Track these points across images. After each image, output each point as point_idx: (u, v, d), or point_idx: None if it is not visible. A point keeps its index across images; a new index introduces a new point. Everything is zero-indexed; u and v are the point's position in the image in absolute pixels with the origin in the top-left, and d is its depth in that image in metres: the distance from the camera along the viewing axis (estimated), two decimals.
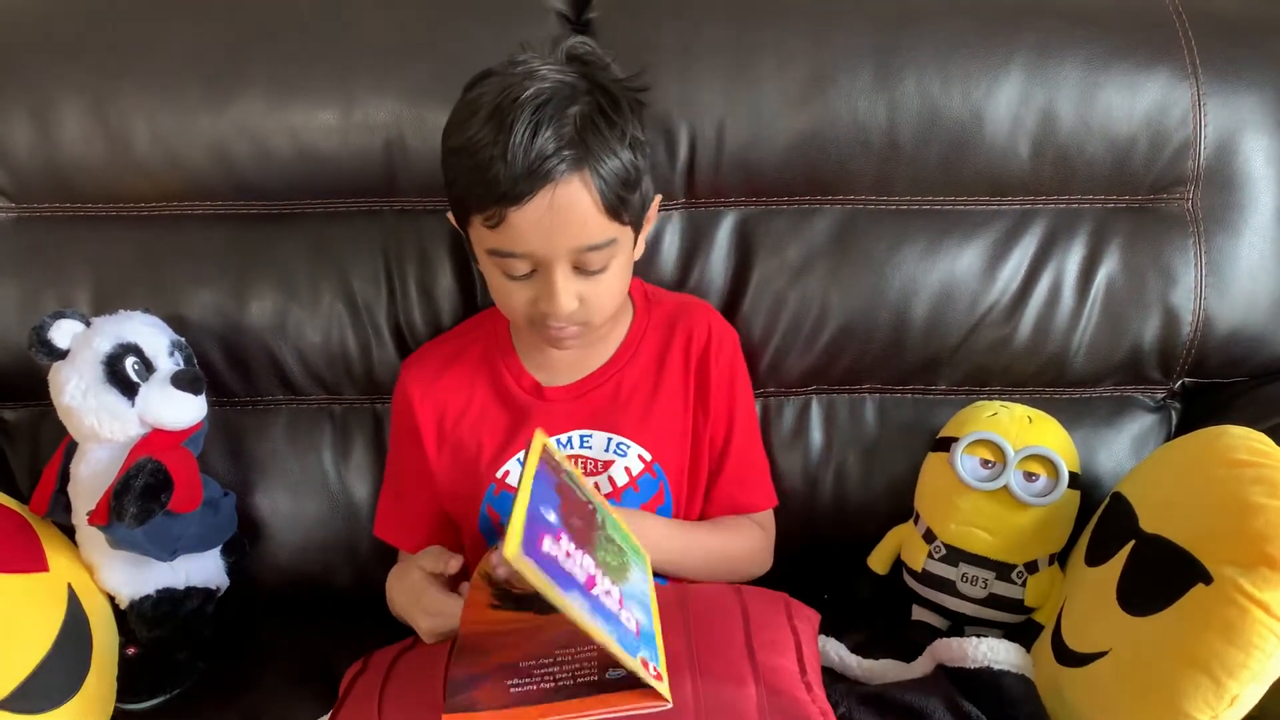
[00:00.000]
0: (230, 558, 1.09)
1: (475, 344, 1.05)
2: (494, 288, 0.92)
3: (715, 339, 1.04)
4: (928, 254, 1.12)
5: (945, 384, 1.15)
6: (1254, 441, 0.86)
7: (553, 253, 0.86)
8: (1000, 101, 1.09)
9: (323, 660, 1.02)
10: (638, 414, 1.00)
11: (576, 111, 0.84)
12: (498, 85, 0.85)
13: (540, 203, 0.83)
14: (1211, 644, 0.78)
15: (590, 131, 0.84)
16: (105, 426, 0.99)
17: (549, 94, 0.83)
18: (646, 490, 1.00)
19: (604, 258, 0.89)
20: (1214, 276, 1.11)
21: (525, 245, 0.85)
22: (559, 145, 0.82)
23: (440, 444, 1.02)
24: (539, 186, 0.82)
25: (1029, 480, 1.03)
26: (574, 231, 0.85)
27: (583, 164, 0.84)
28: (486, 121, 0.83)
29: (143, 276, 1.12)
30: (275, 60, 1.10)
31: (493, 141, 0.82)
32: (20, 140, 1.10)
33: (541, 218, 0.83)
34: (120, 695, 1.00)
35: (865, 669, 1.01)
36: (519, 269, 0.88)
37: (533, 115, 0.82)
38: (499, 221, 0.84)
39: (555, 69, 0.86)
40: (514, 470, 0.99)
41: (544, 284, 0.88)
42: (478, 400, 1.02)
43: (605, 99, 0.87)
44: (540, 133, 0.82)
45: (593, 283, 0.89)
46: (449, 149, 0.87)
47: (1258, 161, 1.10)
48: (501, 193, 0.82)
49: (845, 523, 1.15)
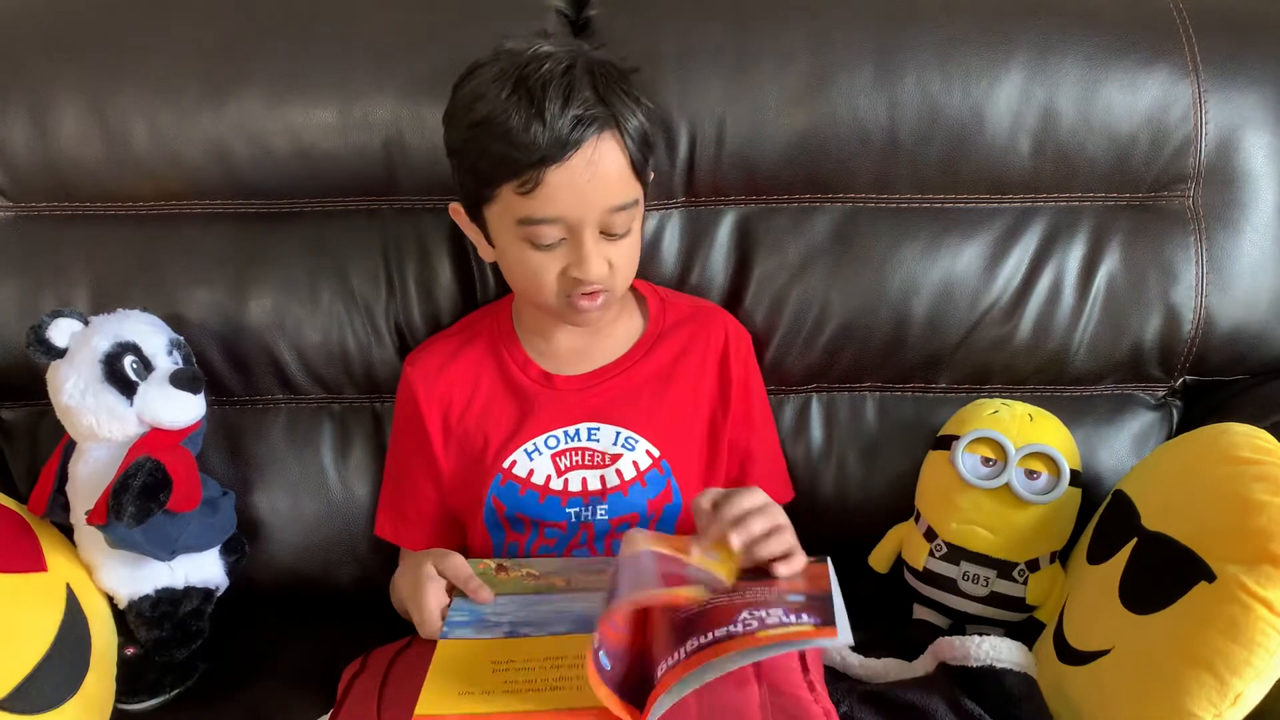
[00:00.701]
0: (229, 557, 1.08)
1: (478, 337, 1.05)
2: (517, 264, 0.93)
3: (734, 340, 1.06)
4: (928, 252, 1.12)
5: (946, 382, 1.15)
6: (1256, 439, 0.86)
7: (586, 214, 0.88)
8: (1001, 99, 1.09)
9: (322, 660, 1.02)
10: (648, 409, 1.01)
11: (597, 73, 0.88)
12: (504, 64, 0.87)
13: (581, 159, 0.86)
14: (1214, 642, 0.78)
15: (612, 92, 0.88)
16: (104, 426, 0.99)
17: (568, 60, 0.87)
18: (654, 486, 1.00)
19: (628, 219, 0.91)
20: (1215, 274, 1.10)
21: (559, 208, 0.87)
22: (591, 104, 0.86)
23: (447, 438, 1.02)
24: (581, 143, 0.85)
25: (1030, 478, 1.03)
26: (608, 189, 0.88)
27: (613, 122, 0.88)
28: (512, 92, 0.85)
29: (141, 275, 1.11)
30: (274, 59, 1.10)
31: (526, 106, 0.84)
32: (19, 139, 1.10)
33: (579, 175, 0.86)
34: (119, 695, 1.00)
35: (867, 668, 1.01)
36: (549, 236, 0.89)
37: (563, 77, 0.85)
38: (535, 185, 0.86)
39: (550, 43, 0.89)
40: (520, 460, 0.99)
41: (574, 250, 0.90)
42: (483, 392, 1.02)
43: (608, 65, 0.91)
44: (574, 93, 0.85)
45: (617, 247, 0.92)
46: (470, 124, 0.88)
47: (1259, 159, 1.10)
48: (542, 155, 0.85)
49: (846, 521, 1.15)
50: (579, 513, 0.99)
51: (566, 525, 0.99)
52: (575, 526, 0.99)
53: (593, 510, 0.99)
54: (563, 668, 0.78)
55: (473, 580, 0.88)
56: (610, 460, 0.99)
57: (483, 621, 0.83)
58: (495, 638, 0.81)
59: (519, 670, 0.78)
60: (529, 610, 0.85)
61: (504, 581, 0.89)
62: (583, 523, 0.99)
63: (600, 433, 1.00)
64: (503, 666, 0.78)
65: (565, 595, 0.87)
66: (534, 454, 1.00)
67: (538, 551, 1.00)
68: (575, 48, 0.90)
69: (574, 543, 0.99)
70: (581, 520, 0.99)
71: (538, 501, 0.99)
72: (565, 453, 1.00)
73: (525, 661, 0.79)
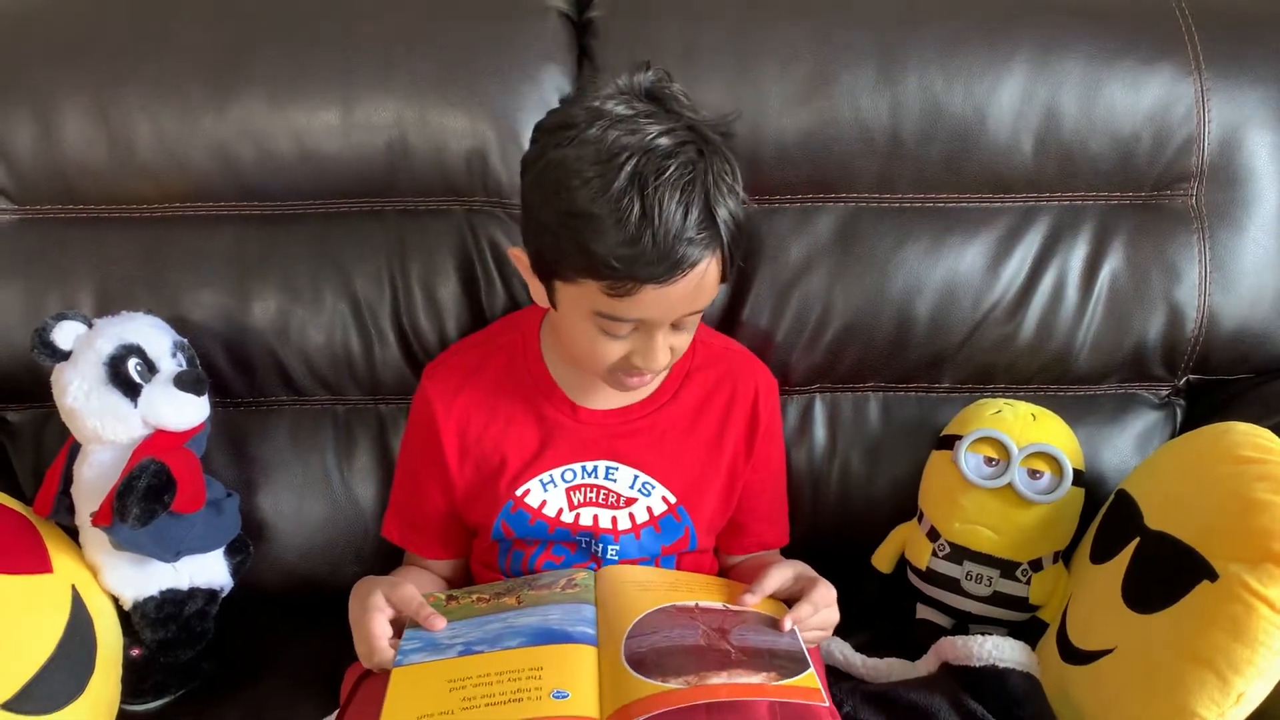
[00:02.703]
0: (234, 559, 1.08)
1: (501, 352, 1.02)
2: (579, 338, 0.89)
3: (764, 393, 1.03)
4: (931, 252, 1.12)
5: (949, 382, 1.15)
6: (1259, 438, 0.86)
7: (667, 318, 0.86)
8: (1003, 98, 1.09)
9: (327, 661, 1.02)
10: (671, 456, 0.99)
11: (709, 183, 0.81)
12: (609, 147, 0.79)
13: (687, 282, 0.82)
14: (1217, 641, 0.78)
15: (717, 200, 0.81)
16: (108, 428, 0.99)
17: (686, 168, 0.80)
18: (669, 533, 0.99)
19: (699, 316, 0.90)
20: (1218, 273, 1.10)
21: (645, 314, 0.84)
22: (705, 224, 0.81)
23: (463, 457, 1.00)
24: (691, 268, 0.81)
25: (1033, 478, 1.03)
26: (695, 301, 0.85)
27: (718, 241, 0.83)
28: (623, 193, 0.78)
29: (145, 278, 1.11)
30: (277, 61, 1.10)
31: (638, 219, 0.78)
32: (23, 142, 1.10)
33: (678, 294, 0.82)
34: (125, 696, 1.00)
35: (870, 668, 1.01)
36: (623, 331, 0.86)
37: (681, 195, 0.79)
38: (628, 294, 0.81)
39: (661, 126, 0.81)
40: (534, 490, 0.98)
41: (643, 341, 0.87)
42: (502, 414, 0.99)
43: (720, 160, 0.83)
44: (690, 213, 0.79)
45: (682, 335, 0.90)
46: (566, 213, 0.80)
47: (1262, 157, 1.10)
48: (648, 274, 0.80)
49: (849, 521, 1.15)
50: (589, 543, 0.98)
51: (576, 549, 0.99)
52: (584, 554, 0.99)
53: (603, 548, 0.98)
54: (520, 679, 0.76)
55: (424, 608, 0.85)
56: (625, 503, 0.98)
57: (436, 646, 0.82)
58: (449, 658, 0.80)
59: (476, 686, 0.76)
60: (481, 630, 0.83)
61: (455, 609, 0.88)
62: (593, 554, 0.98)
63: (619, 474, 0.98)
64: (459, 685, 0.77)
65: (517, 611, 0.86)
66: (549, 485, 0.98)
67: (543, 566, 0.99)
68: (691, 134, 0.82)
69: (581, 567, 0.98)
70: (592, 551, 0.98)
71: (547, 532, 0.98)
72: (580, 488, 0.98)
73: (481, 677, 0.77)
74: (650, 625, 0.83)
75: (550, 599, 0.88)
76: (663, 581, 0.92)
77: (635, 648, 0.80)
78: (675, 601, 0.87)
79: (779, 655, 0.80)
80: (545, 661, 0.78)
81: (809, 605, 0.87)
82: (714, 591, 0.90)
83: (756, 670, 0.77)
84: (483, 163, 1.11)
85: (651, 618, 0.84)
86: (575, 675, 0.77)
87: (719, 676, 0.76)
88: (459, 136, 1.10)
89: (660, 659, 0.78)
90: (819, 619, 0.89)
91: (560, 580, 0.92)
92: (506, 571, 1.01)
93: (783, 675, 0.77)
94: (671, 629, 0.82)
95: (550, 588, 0.91)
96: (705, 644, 0.80)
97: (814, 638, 0.91)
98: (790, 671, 0.77)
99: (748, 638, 0.82)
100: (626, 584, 0.90)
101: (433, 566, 1.06)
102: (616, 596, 0.88)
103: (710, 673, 0.76)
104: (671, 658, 0.78)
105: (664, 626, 0.83)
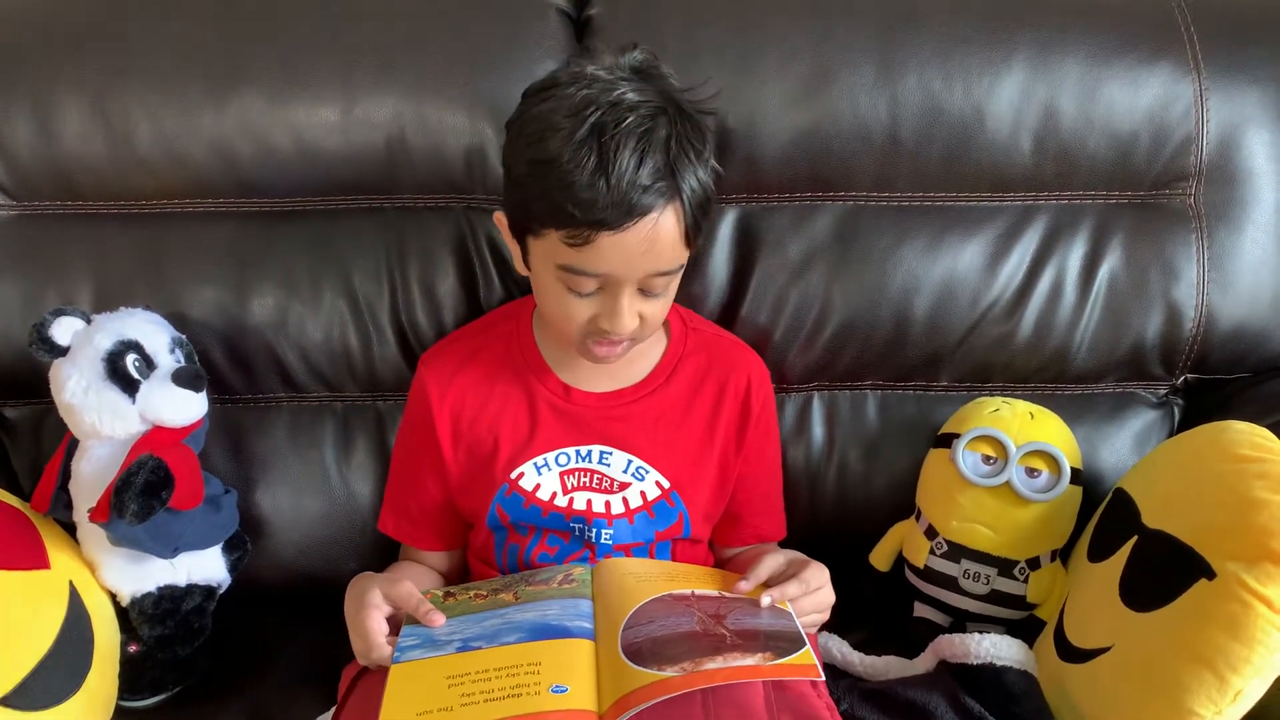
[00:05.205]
0: (232, 555, 1.08)
1: (494, 342, 1.03)
2: (549, 297, 0.91)
3: (756, 383, 1.04)
4: (929, 250, 1.12)
5: (947, 380, 1.15)
6: (1257, 437, 0.87)
7: (629, 276, 0.86)
8: (1002, 97, 1.09)
9: (325, 658, 1.02)
10: (664, 441, 1.00)
11: (670, 138, 0.83)
12: (580, 100, 0.82)
13: (638, 232, 0.82)
14: (1215, 639, 0.78)
15: (681, 160, 0.84)
16: (106, 424, 0.99)
17: (646, 119, 0.82)
18: (663, 518, 0.99)
19: (668, 281, 0.90)
20: (1216, 272, 1.11)
21: (604, 267, 0.85)
22: (659, 176, 0.82)
23: (457, 441, 1.01)
24: (642, 216, 0.82)
25: (1031, 476, 1.03)
26: (657, 258, 0.85)
27: (677, 194, 0.84)
28: (584, 141, 0.81)
29: (144, 274, 1.11)
30: (276, 57, 1.10)
31: (594, 165, 0.80)
32: (22, 138, 1.10)
33: (631, 244, 0.83)
34: (122, 692, 1.00)
35: (868, 666, 1.01)
36: (587, 286, 0.87)
37: (640, 139, 0.81)
38: (584, 243, 0.83)
39: (634, 86, 0.84)
40: (529, 474, 0.98)
41: (609, 302, 0.88)
42: (497, 399, 1.00)
43: (690, 128, 0.85)
44: (645, 163, 0.81)
45: (651, 302, 0.90)
46: (533, 160, 0.84)
47: (1260, 157, 1.10)
48: (601, 218, 0.81)
49: (847, 519, 1.16)
50: (582, 529, 0.98)
51: (570, 536, 0.99)
52: (578, 541, 0.99)
53: (597, 533, 0.98)
54: (519, 675, 0.77)
55: (424, 605, 0.86)
56: (618, 487, 0.99)
57: (434, 642, 0.82)
58: (447, 654, 0.81)
59: (475, 682, 0.77)
60: (479, 626, 0.84)
61: (453, 606, 0.89)
62: (586, 540, 0.98)
63: (612, 458, 0.99)
64: (458, 681, 0.77)
65: (514, 607, 0.87)
66: (543, 469, 0.99)
67: (539, 558, 1.00)
68: (663, 99, 0.85)
69: (575, 555, 0.99)
70: (585, 538, 0.98)
71: (541, 516, 0.98)
72: (574, 472, 0.99)
73: (480, 673, 0.78)
74: (647, 615, 0.83)
75: (547, 594, 0.88)
76: (659, 572, 0.93)
77: (632, 638, 0.80)
78: (671, 590, 0.87)
79: (774, 636, 0.80)
80: (543, 656, 0.78)
81: (798, 583, 0.88)
82: (710, 581, 0.91)
83: (752, 652, 0.78)
84: (482, 160, 1.11)
85: (648, 607, 0.84)
86: (573, 670, 0.78)
87: (714, 661, 0.76)
88: (458, 134, 1.10)
89: (657, 648, 0.78)
90: (814, 600, 0.89)
91: (557, 576, 0.92)
92: (503, 565, 1.02)
93: (778, 655, 0.77)
94: (667, 617, 0.83)
95: (547, 583, 0.91)
96: (701, 630, 0.81)
97: (811, 620, 0.90)
98: (785, 651, 0.78)
99: (744, 621, 0.82)
100: (623, 576, 0.91)
101: (428, 560, 1.06)
102: (613, 589, 0.88)
103: (706, 658, 0.76)
104: (668, 646, 0.78)
105: (660, 615, 0.83)
